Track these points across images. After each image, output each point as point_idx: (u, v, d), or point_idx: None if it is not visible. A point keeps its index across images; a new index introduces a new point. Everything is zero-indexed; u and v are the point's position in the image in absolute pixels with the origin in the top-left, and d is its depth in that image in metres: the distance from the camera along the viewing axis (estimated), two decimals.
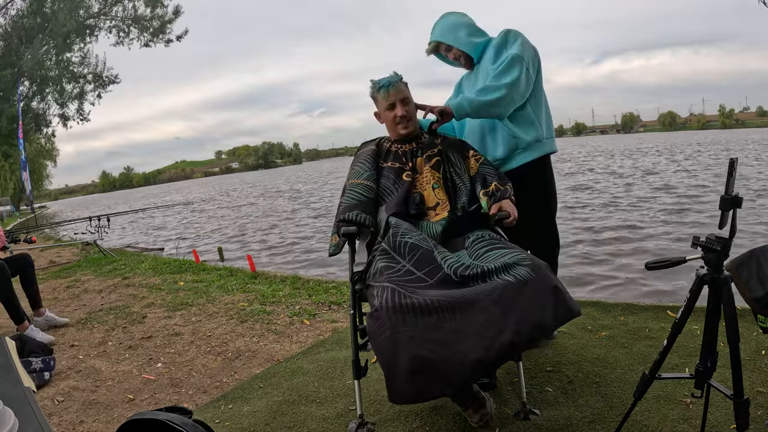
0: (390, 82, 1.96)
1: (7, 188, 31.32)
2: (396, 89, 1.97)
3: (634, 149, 30.18)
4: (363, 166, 2.05)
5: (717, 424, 1.64)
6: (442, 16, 2.32)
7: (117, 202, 40.76)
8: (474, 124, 2.30)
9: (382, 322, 1.43)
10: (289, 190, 25.33)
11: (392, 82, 1.96)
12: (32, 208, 13.36)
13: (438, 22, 2.31)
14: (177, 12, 22.09)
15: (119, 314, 3.91)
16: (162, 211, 21.85)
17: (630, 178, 13.64)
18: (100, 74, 22.33)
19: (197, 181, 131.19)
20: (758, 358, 2.08)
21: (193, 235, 11.82)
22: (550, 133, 2.29)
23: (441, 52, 2.34)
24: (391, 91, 1.96)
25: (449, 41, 2.24)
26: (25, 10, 20.04)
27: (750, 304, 1.64)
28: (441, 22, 2.29)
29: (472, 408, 1.66)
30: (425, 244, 1.71)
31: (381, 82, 1.98)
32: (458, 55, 2.28)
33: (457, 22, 2.27)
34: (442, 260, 1.63)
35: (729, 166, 1.24)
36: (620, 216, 7.91)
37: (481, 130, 2.29)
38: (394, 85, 1.96)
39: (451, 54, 2.29)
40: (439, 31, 2.27)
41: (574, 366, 2.18)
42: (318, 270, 6.32)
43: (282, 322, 3.32)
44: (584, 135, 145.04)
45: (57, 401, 2.41)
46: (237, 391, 2.32)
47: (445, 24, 2.28)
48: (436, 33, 2.28)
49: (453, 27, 2.26)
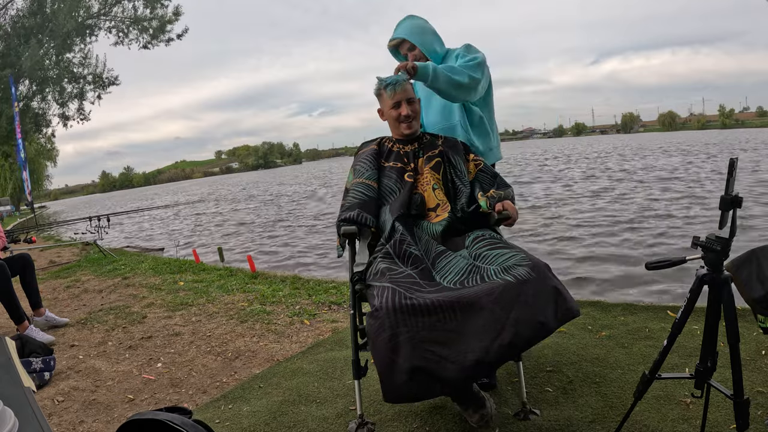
0: (397, 81, 1.97)
1: (7, 188, 31.34)
2: (403, 88, 1.97)
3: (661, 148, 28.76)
4: (364, 165, 2.05)
5: (717, 424, 1.64)
6: (409, 17, 2.34)
7: (98, 204, 40.55)
8: (436, 129, 2.31)
9: (381, 322, 1.43)
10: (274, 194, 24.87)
11: (399, 81, 1.97)
12: (32, 208, 13.35)
13: (405, 21, 2.31)
14: (177, 12, 22.10)
15: (119, 314, 3.91)
16: (140, 213, 21.76)
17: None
18: (100, 75, 22.36)
19: (197, 181, 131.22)
20: (758, 358, 2.08)
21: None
22: (498, 143, 2.42)
23: (401, 50, 2.34)
24: (398, 90, 1.96)
25: (416, 42, 2.26)
26: (25, 10, 20.05)
27: (750, 304, 1.65)
28: (408, 23, 2.30)
29: (472, 408, 1.66)
30: (426, 262, 1.73)
31: (388, 80, 1.98)
32: (419, 58, 2.28)
33: (423, 26, 2.30)
34: (441, 279, 1.66)
35: (729, 166, 1.24)
36: None
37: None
38: (401, 84, 1.97)
39: (411, 55, 2.29)
40: (407, 30, 2.27)
41: (574, 366, 2.18)
42: (318, 270, 6.33)
43: (282, 322, 3.32)
44: (584, 135, 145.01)
45: (57, 401, 2.41)
46: (237, 391, 2.32)
47: (412, 25, 2.30)
48: (403, 31, 2.28)
49: (420, 30, 2.28)
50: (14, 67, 18.57)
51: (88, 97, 22.52)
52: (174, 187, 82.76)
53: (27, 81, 20.50)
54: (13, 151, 20.49)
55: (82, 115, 22.72)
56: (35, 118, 22.17)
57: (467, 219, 1.92)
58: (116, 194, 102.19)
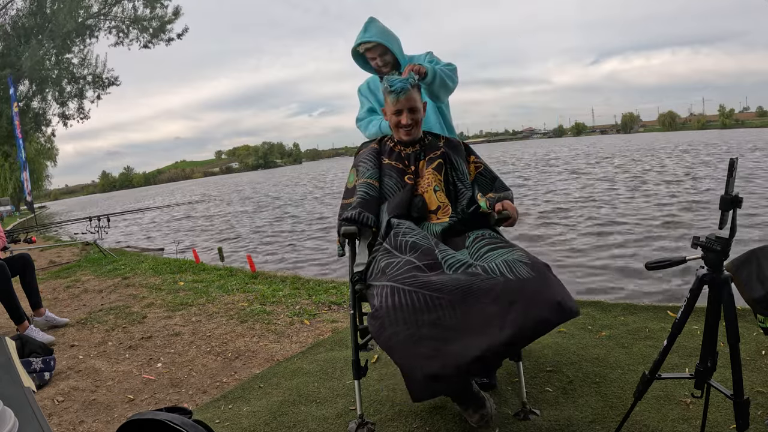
0: (402, 89, 1.92)
1: (7, 188, 31.34)
2: (407, 97, 1.93)
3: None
4: (366, 165, 2.05)
5: (717, 424, 1.64)
6: (374, 20, 2.31)
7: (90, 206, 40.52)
8: None
9: (382, 321, 1.43)
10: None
11: (404, 89, 1.92)
12: (32, 208, 13.35)
13: (373, 24, 2.28)
14: (177, 13, 22.11)
15: (119, 314, 3.91)
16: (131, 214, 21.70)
17: None
18: (99, 75, 22.37)
19: (196, 181, 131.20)
20: (758, 358, 2.08)
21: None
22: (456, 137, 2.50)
23: (370, 54, 2.30)
24: (401, 98, 1.92)
25: (390, 46, 2.24)
26: (25, 10, 20.05)
27: (750, 304, 1.65)
28: (378, 26, 2.28)
29: (472, 408, 1.66)
30: (426, 242, 1.70)
31: (394, 86, 1.93)
32: (388, 62, 2.27)
33: (390, 31, 2.29)
34: (442, 259, 1.63)
35: (729, 166, 1.24)
36: None
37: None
38: (405, 93, 1.92)
39: (381, 59, 2.27)
40: (380, 34, 2.25)
41: (574, 366, 2.18)
42: (317, 270, 6.33)
43: (282, 322, 3.32)
44: (584, 135, 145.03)
45: (57, 401, 2.41)
46: (237, 391, 2.32)
47: (383, 29, 2.28)
48: (376, 35, 2.25)
49: (390, 35, 2.27)
50: (14, 67, 18.56)
51: (87, 96, 22.56)
52: (173, 187, 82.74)
53: (27, 81, 20.50)
54: (13, 151, 20.51)
55: (82, 113, 22.75)
56: (35, 118, 22.17)
57: (467, 219, 1.92)
58: (116, 194, 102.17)
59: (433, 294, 1.46)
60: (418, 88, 2.00)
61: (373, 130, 2.33)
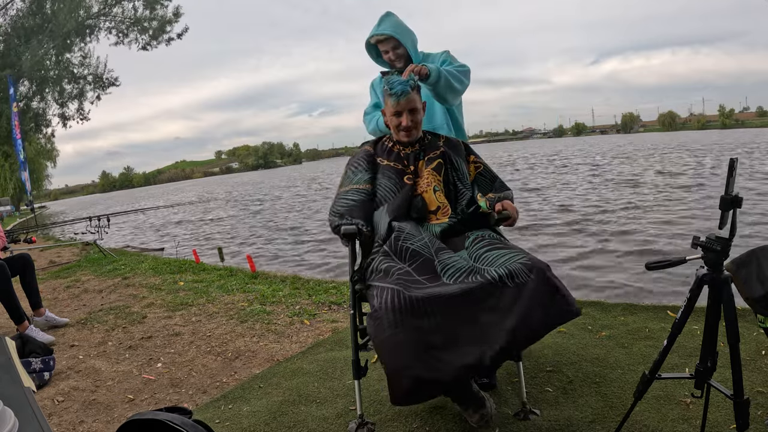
0: (403, 91, 1.90)
1: (8, 188, 31.32)
2: (407, 100, 1.91)
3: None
4: (355, 170, 2.03)
5: (717, 424, 1.64)
6: (390, 14, 2.29)
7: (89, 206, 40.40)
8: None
9: (381, 322, 1.43)
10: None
11: (405, 92, 1.90)
12: (32, 208, 13.34)
13: (388, 18, 2.26)
14: (177, 13, 22.10)
15: (119, 314, 3.91)
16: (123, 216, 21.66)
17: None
18: (100, 76, 22.36)
19: (196, 181, 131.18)
20: (758, 358, 2.08)
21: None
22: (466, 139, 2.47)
23: (383, 47, 2.28)
24: (401, 101, 1.91)
25: (404, 40, 2.22)
26: (25, 10, 20.04)
27: (750, 304, 1.65)
28: (393, 20, 2.26)
29: (472, 408, 1.66)
30: (426, 251, 1.70)
31: (394, 88, 1.91)
32: (401, 56, 2.25)
33: (406, 26, 2.27)
34: (441, 270, 1.63)
35: (729, 166, 1.24)
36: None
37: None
38: (405, 95, 1.90)
39: (394, 53, 2.24)
40: (394, 28, 2.23)
41: (574, 366, 2.18)
42: (317, 270, 6.32)
43: (282, 322, 3.32)
44: (584, 135, 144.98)
45: (57, 401, 2.41)
46: (237, 391, 2.32)
47: (398, 23, 2.25)
48: (390, 27, 2.23)
49: (405, 29, 2.25)
50: (14, 67, 18.55)
51: (87, 96, 22.55)
52: (173, 187, 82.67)
53: (27, 81, 20.49)
54: (13, 151, 20.49)
55: (82, 114, 22.75)
56: (35, 118, 22.16)
57: (467, 220, 1.91)
58: (116, 194, 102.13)
59: (432, 301, 1.46)
60: (418, 90, 1.99)
61: (371, 127, 2.34)
